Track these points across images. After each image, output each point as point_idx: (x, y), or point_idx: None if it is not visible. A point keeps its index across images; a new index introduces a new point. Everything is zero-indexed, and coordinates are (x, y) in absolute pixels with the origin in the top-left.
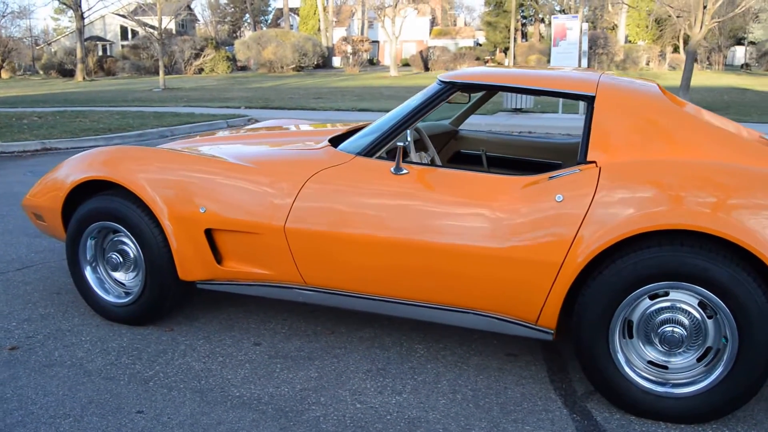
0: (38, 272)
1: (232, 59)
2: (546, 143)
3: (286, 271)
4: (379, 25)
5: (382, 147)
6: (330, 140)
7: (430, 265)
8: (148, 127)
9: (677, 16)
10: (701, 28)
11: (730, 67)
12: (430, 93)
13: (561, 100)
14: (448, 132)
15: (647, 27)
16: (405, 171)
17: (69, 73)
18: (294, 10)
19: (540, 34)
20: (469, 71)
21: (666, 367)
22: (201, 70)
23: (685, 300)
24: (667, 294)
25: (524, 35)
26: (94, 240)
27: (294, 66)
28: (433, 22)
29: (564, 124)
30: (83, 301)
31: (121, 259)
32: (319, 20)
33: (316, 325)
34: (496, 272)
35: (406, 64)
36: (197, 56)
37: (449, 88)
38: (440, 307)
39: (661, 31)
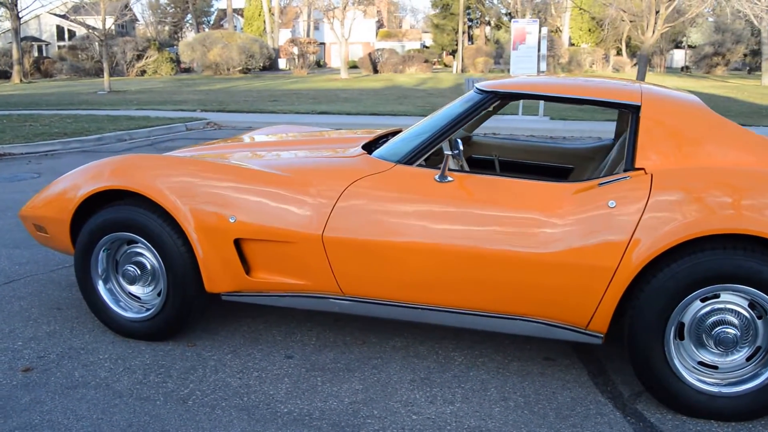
0: (28, 286)
1: (176, 61)
2: (556, 148)
3: (322, 280)
4: (324, 26)
5: (423, 155)
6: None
7: (479, 272)
8: (105, 131)
9: (630, 21)
10: (654, 32)
11: (670, 70)
12: (471, 102)
13: (521, 102)
14: (462, 138)
15: (590, 30)
16: (450, 179)
17: (3, 75)
18: (238, 11)
19: (486, 36)
20: (511, 81)
21: (716, 368)
22: (144, 72)
23: (735, 301)
24: (717, 296)
25: (470, 38)
26: (106, 252)
27: (240, 68)
28: (379, 24)
29: (525, 125)
30: (89, 317)
31: (139, 272)
32: (264, 21)
33: (345, 336)
34: (548, 278)
35: (354, 66)
36: (139, 58)
37: (491, 97)
38: (487, 314)
39: (604, 34)
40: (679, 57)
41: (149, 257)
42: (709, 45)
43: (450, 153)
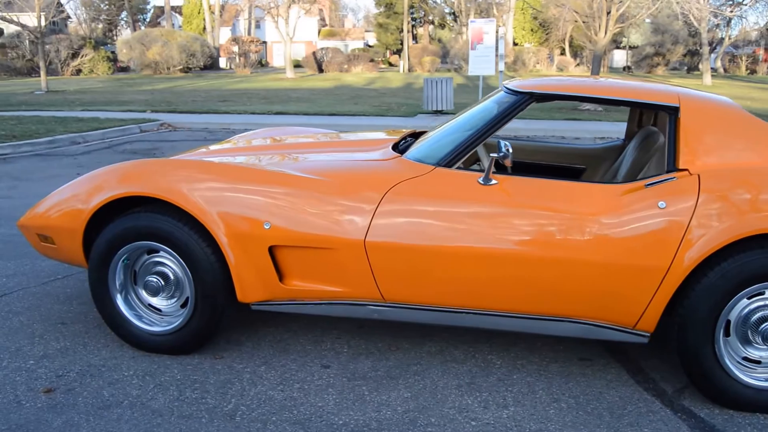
0: (23, 300)
1: (113, 60)
2: (567, 148)
3: (362, 287)
4: (265, 25)
5: (462, 157)
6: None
7: (526, 275)
8: (56, 133)
9: (583, 22)
10: (606, 33)
11: (612, 70)
12: (508, 104)
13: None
14: None
15: (532, 30)
16: (494, 181)
17: None
18: (176, 9)
19: (430, 35)
20: (546, 82)
21: (759, 362)
22: (79, 71)
23: None
24: (762, 293)
25: (414, 37)
26: (125, 263)
27: (181, 67)
28: (321, 23)
29: None
30: (99, 331)
31: (162, 283)
32: (204, 19)
33: (376, 342)
34: (598, 280)
35: (299, 66)
36: (74, 56)
37: (528, 98)
38: (531, 316)
39: (547, 34)
40: (619, 57)
41: (173, 267)
42: (650, 46)
43: (496, 155)
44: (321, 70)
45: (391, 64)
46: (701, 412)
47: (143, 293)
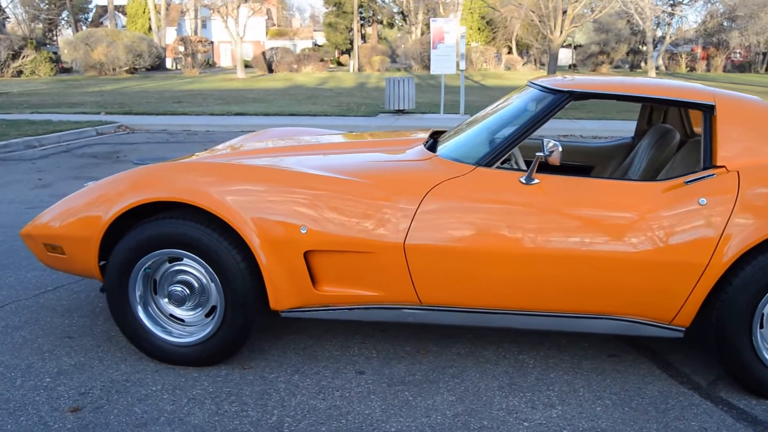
0: (18, 314)
1: (56, 60)
2: (576, 147)
3: (400, 290)
4: (212, 25)
5: (502, 156)
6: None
7: (570, 273)
8: (9, 136)
9: (539, 21)
10: (561, 32)
11: (559, 68)
12: (546, 102)
13: (443, 100)
14: None
15: (479, 29)
16: (536, 180)
17: None
18: (119, 8)
19: (378, 35)
20: (585, 80)
21: None
22: (20, 73)
23: None
24: None
25: (363, 37)
26: (146, 272)
27: (128, 68)
28: (269, 23)
29: (446, 123)
30: (112, 344)
31: (188, 292)
32: (149, 19)
33: (403, 346)
34: (640, 277)
35: (248, 66)
36: (15, 57)
37: (567, 97)
38: (571, 315)
39: (494, 33)
40: (563, 56)
41: (198, 275)
42: (595, 44)
43: (542, 154)
44: (271, 70)
45: (340, 64)
46: (740, 403)
47: (165, 303)
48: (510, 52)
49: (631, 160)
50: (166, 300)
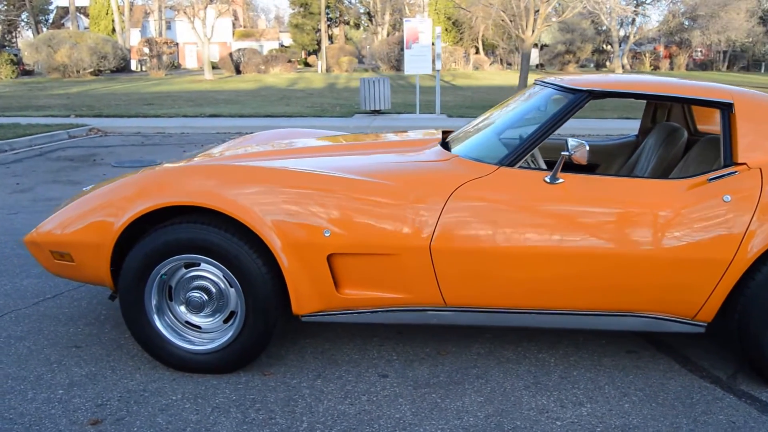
0: (19, 323)
1: (17, 63)
2: None
3: (424, 292)
4: (176, 26)
5: (524, 156)
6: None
7: (596, 272)
8: None
9: (510, 21)
10: (533, 32)
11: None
12: (566, 102)
13: (418, 100)
14: None
15: (446, 30)
16: (561, 180)
17: None
18: (80, 10)
19: (345, 36)
20: (604, 79)
21: None
22: None
23: None
24: None
25: (330, 38)
26: (162, 279)
27: (92, 70)
28: (235, 24)
29: (423, 123)
30: (123, 352)
31: (206, 298)
32: (112, 20)
33: (422, 347)
34: (665, 274)
35: (215, 67)
36: None
37: (586, 96)
38: (595, 313)
39: (460, 33)
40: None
41: (216, 280)
42: (561, 44)
43: (567, 153)
44: (238, 72)
45: (307, 65)
46: (762, 395)
47: (181, 310)
48: (477, 52)
49: (637, 158)
50: (184, 307)
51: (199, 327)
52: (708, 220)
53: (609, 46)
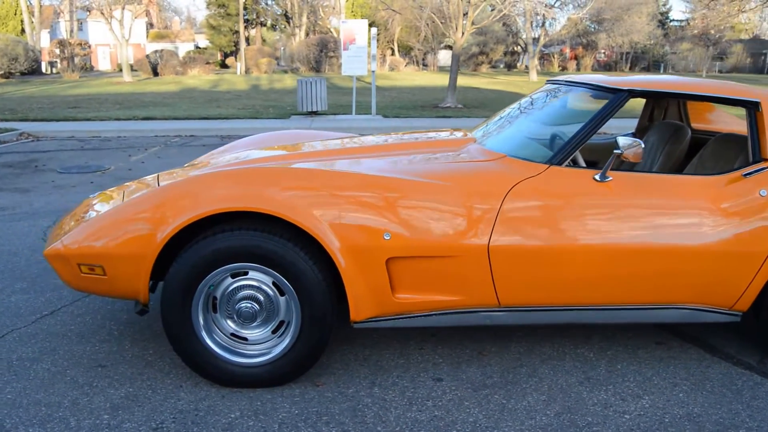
0: (26, 343)
1: None
2: None
3: (480, 293)
4: (88, 27)
5: (571, 155)
6: None
7: (644, 267)
8: None
9: (441, 23)
10: (463, 34)
11: (441, 69)
12: (608, 101)
13: (354, 101)
14: None
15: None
16: (610, 178)
17: None
18: None
19: (262, 37)
20: (642, 79)
21: None
22: None
23: None
24: None
25: (247, 39)
26: (210, 289)
27: (2, 72)
28: (149, 25)
29: (360, 124)
30: (155, 370)
31: (258, 308)
32: (21, 21)
33: (463, 349)
34: (707, 266)
35: (132, 69)
36: None
37: (627, 95)
38: (642, 306)
39: (377, 35)
40: (444, 56)
41: (265, 289)
42: (475, 45)
43: (619, 151)
44: (156, 74)
45: (224, 66)
46: None
47: (227, 323)
48: (393, 53)
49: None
50: (231, 318)
51: (245, 339)
52: (747, 214)
53: (518, 48)
